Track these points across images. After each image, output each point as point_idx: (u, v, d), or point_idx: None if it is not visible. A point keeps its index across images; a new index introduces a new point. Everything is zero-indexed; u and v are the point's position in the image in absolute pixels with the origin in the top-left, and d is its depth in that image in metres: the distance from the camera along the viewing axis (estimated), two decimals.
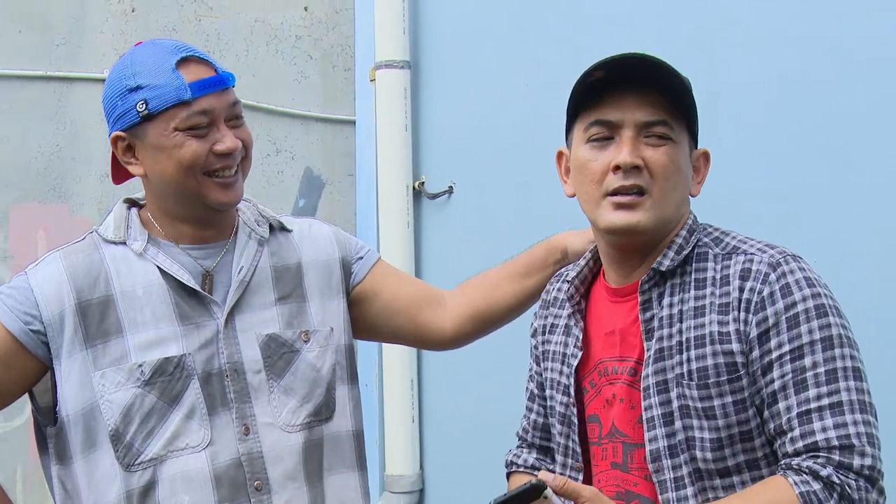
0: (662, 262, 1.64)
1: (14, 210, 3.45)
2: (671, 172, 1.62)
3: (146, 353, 1.76)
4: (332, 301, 1.94)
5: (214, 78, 1.77)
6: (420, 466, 3.58)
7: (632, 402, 1.65)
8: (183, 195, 1.79)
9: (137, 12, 3.63)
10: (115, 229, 1.83)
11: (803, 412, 1.50)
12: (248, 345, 1.82)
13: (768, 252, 1.59)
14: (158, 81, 1.73)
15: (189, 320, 1.79)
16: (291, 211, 3.87)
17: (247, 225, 1.91)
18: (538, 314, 1.90)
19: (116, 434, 1.74)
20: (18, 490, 3.29)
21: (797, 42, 2.48)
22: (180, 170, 1.75)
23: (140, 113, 1.73)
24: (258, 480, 1.78)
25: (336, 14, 3.97)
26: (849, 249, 2.37)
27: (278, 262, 1.91)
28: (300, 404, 1.84)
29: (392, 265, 2.12)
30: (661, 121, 1.62)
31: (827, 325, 1.53)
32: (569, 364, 1.75)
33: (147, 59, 1.76)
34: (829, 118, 2.42)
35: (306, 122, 3.92)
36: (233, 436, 1.78)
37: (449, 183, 3.50)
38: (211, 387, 1.78)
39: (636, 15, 2.85)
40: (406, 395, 3.54)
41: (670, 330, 1.62)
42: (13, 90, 3.46)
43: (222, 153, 1.76)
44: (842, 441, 1.48)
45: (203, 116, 1.74)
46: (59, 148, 3.53)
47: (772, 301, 1.54)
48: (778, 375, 1.52)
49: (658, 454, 1.60)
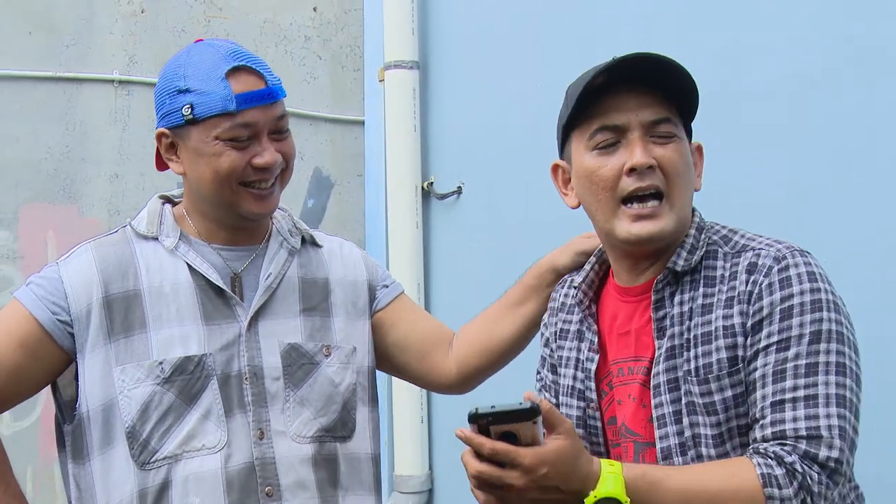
0: (677, 261, 1.63)
1: (24, 210, 3.45)
2: (682, 169, 1.62)
3: (167, 350, 1.76)
4: (357, 321, 1.95)
5: (263, 91, 1.76)
6: (429, 467, 3.59)
7: (644, 401, 1.65)
8: (217, 201, 1.80)
9: (147, 13, 3.63)
10: (147, 224, 1.84)
11: (777, 402, 1.50)
12: (269, 351, 1.82)
13: (775, 247, 1.58)
14: (207, 88, 1.74)
15: (213, 320, 1.80)
16: (300, 211, 3.87)
17: (280, 233, 1.91)
18: (547, 322, 1.89)
19: (133, 431, 1.74)
20: (28, 490, 3.29)
21: (819, 42, 2.47)
22: (217, 178, 1.76)
23: (185, 116, 1.74)
24: (269, 486, 1.78)
25: (345, 14, 3.97)
26: (872, 249, 2.36)
27: (306, 274, 1.91)
28: (313, 417, 1.83)
29: (412, 301, 2.11)
30: (666, 118, 1.62)
31: (819, 320, 1.52)
32: (584, 369, 1.74)
33: (201, 61, 1.77)
34: (851, 118, 2.41)
35: (315, 123, 3.91)
36: (248, 439, 1.78)
37: (458, 183, 3.51)
38: (229, 389, 1.78)
39: (649, 15, 2.85)
40: (415, 396, 3.54)
41: (681, 328, 1.61)
42: (23, 91, 3.46)
43: (260, 167, 1.76)
44: (810, 432, 1.47)
45: (245, 129, 1.74)
46: (68, 149, 3.52)
47: (769, 292, 1.54)
48: (761, 364, 1.52)
49: (669, 452, 1.60)
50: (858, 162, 2.40)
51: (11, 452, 1.79)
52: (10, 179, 3.44)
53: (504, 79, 3.34)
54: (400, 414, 3.57)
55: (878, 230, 2.36)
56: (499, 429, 1.40)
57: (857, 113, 2.40)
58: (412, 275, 3.55)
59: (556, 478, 1.42)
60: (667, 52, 1.79)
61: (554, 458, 1.42)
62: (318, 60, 3.93)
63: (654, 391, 1.62)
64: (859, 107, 2.40)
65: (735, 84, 2.59)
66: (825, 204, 2.45)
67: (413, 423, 3.56)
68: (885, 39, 2.35)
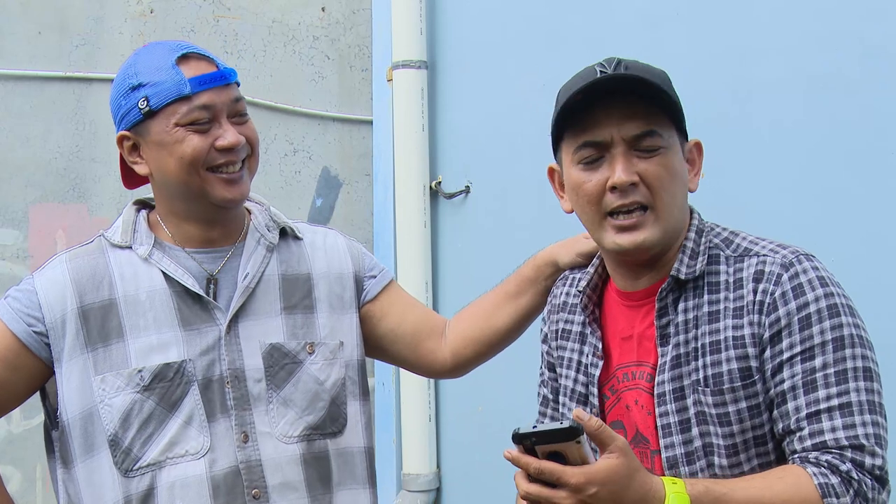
0: (680, 269, 1.62)
1: (34, 210, 3.47)
2: (668, 182, 1.60)
3: (146, 358, 1.75)
4: (344, 315, 1.93)
5: (215, 73, 1.76)
6: (437, 465, 3.61)
7: (650, 409, 1.64)
8: (187, 193, 1.78)
9: (156, 13, 3.65)
10: (122, 233, 1.83)
11: (813, 413, 1.50)
12: (250, 353, 1.81)
13: (780, 252, 1.58)
14: (159, 78, 1.73)
15: (191, 326, 1.79)
16: (308, 210, 3.88)
17: (256, 230, 1.89)
18: (547, 319, 1.89)
19: (115, 439, 1.74)
20: (38, 488, 3.31)
21: (829, 41, 2.47)
22: (182, 166, 1.74)
23: (142, 110, 1.73)
24: (256, 488, 1.77)
25: (353, 14, 3.98)
26: (882, 250, 2.36)
27: (287, 270, 1.89)
28: (298, 416, 1.82)
29: (403, 289, 2.10)
30: (649, 131, 1.59)
31: (839, 326, 1.52)
32: (586, 373, 1.74)
33: (148, 58, 1.77)
34: (861, 117, 2.41)
35: (324, 123, 3.92)
36: (231, 443, 1.77)
37: (466, 182, 3.52)
38: (211, 393, 1.77)
39: (658, 14, 2.86)
40: (423, 395, 3.56)
41: (686, 336, 1.61)
42: (33, 91, 3.48)
43: (224, 148, 1.75)
44: (851, 441, 1.48)
45: (204, 111, 1.74)
46: (78, 148, 3.54)
47: (784, 301, 1.53)
48: (788, 376, 1.52)
49: (675, 461, 1.59)
50: (869, 161, 2.40)
51: (21, 450, 1.81)
52: (20, 179, 3.46)
53: (512, 78, 3.35)
54: (408, 413, 3.59)
55: (889, 230, 2.36)
56: (545, 448, 1.39)
57: (867, 112, 2.40)
58: (420, 273, 3.57)
59: (608, 497, 1.40)
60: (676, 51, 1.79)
61: (604, 478, 1.39)
62: (327, 60, 3.94)
63: (658, 400, 1.61)
64: (870, 106, 2.40)
65: (744, 83, 2.60)
66: (835, 203, 2.45)
67: (421, 422, 3.57)
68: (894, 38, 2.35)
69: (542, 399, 1.91)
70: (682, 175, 1.63)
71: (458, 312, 2.07)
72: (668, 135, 1.60)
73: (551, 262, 1.94)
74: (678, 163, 1.62)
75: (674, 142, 1.62)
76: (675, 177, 1.61)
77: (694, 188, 1.67)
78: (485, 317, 2.01)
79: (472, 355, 2.01)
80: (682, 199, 1.64)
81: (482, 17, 3.49)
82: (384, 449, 3.68)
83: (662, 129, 1.60)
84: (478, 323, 2.00)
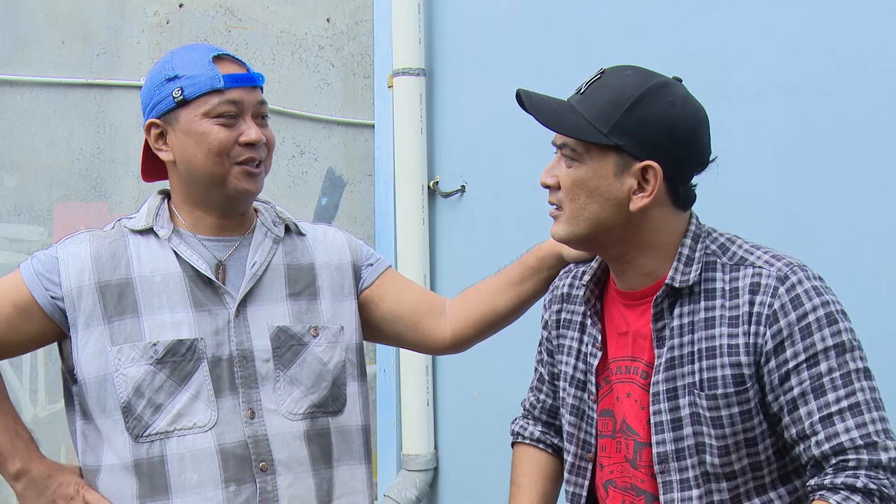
0: (675, 276, 1.64)
1: (58, 208, 3.53)
2: (574, 191, 1.63)
3: (160, 333, 1.79)
4: (343, 302, 1.96)
5: (246, 75, 1.82)
6: (434, 447, 3.64)
7: (643, 404, 1.68)
8: (208, 180, 1.82)
9: (172, 24, 3.71)
10: (146, 217, 1.87)
11: (825, 416, 1.52)
12: (258, 334, 1.84)
13: (775, 265, 1.59)
14: (195, 72, 1.79)
15: (202, 307, 1.82)
16: (315, 208, 3.92)
17: (264, 225, 1.93)
18: (549, 307, 1.91)
19: (127, 406, 1.78)
20: None
21: (804, 50, 2.46)
22: (208, 156, 1.79)
23: (175, 99, 1.78)
24: (263, 461, 1.80)
25: (356, 25, 4.04)
26: (857, 254, 2.35)
27: (292, 261, 1.92)
28: (304, 395, 1.85)
29: (401, 274, 2.13)
30: (564, 144, 1.65)
31: (838, 332, 1.55)
32: (585, 362, 1.78)
33: (186, 54, 1.83)
34: (837, 125, 2.41)
35: (328, 126, 4.01)
36: (238, 418, 1.80)
37: (461, 182, 3.54)
38: (219, 371, 1.80)
39: (647, 24, 2.86)
40: (422, 380, 3.59)
41: (681, 340, 1.63)
42: (57, 97, 3.54)
43: (248, 143, 1.79)
44: (865, 440, 1.51)
45: (232, 106, 1.79)
46: (99, 150, 3.61)
47: (784, 313, 1.55)
48: (796, 383, 1.54)
49: (665, 456, 1.63)
50: (844, 168, 2.39)
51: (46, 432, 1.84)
52: (45, 179, 3.53)
53: (505, 85, 3.01)
54: (407, 397, 3.62)
55: (864, 234, 2.35)
56: None
57: (842, 120, 2.40)
58: (419, 267, 3.58)
59: None
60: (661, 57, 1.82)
61: None
62: (331, 68, 4.01)
63: (653, 398, 1.65)
64: (844, 114, 2.39)
65: (723, 90, 2.59)
66: (812, 210, 2.45)
67: (420, 406, 3.60)
68: (867, 48, 2.35)
69: (538, 376, 1.98)
70: (599, 189, 1.62)
71: (461, 293, 2.08)
72: (591, 152, 1.61)
73: (556, 254, 1.96)
74: (594, 178, 1.62)
75: (598, 159, 1.61)
76: (582, 187, 1.62)
77: (633, 209, 1.62)
78: (487, 300, 2.02)
79: (471, 334, 2.03)
80: (594, 209, 1.63)
81: (477, 28, 3.49)
82: (385, 431, 3.72)
83: (581, 147, 1.62)
84: (480, 306, 2.02)
